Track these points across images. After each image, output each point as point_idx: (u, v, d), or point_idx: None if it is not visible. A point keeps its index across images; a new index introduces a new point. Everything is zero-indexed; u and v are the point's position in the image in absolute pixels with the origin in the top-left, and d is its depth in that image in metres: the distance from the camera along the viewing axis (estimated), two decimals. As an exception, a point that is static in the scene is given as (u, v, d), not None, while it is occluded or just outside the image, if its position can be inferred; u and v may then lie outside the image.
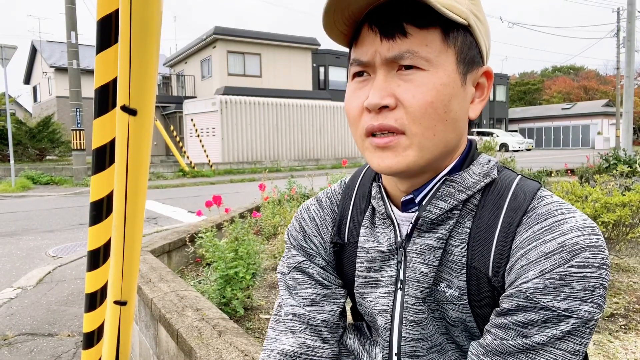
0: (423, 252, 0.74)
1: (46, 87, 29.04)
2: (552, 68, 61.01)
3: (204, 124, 18.18)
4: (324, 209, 0.90)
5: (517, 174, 0.76)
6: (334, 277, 0.87)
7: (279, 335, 0.84)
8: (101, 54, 1.40)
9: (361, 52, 0.70)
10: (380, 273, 0.79)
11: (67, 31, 12.40)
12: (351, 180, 0.91)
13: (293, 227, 0.90)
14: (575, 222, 0.64)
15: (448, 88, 0.67)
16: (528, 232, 0.66)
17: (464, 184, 0.73)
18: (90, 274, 1.73)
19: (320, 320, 0.83)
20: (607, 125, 37.37)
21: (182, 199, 9.86)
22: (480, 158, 0.76)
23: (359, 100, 0.71)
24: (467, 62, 0.70)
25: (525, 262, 0.64)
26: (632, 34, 12.88)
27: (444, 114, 0.68)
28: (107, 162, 1.53)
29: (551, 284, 0.61)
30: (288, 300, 0.85)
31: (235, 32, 22.60)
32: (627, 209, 2.90)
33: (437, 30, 0.66)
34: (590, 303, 0.60)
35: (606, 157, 9.11)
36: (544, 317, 0.61)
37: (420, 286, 0.74)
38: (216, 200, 3.69)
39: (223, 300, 2.61)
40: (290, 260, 0.88)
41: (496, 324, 0.65)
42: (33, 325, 3.30)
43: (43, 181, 13.85)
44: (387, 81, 0.67)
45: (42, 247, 5.72)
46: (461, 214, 0.73)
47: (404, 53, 0.66)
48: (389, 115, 0.67)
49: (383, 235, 0.79)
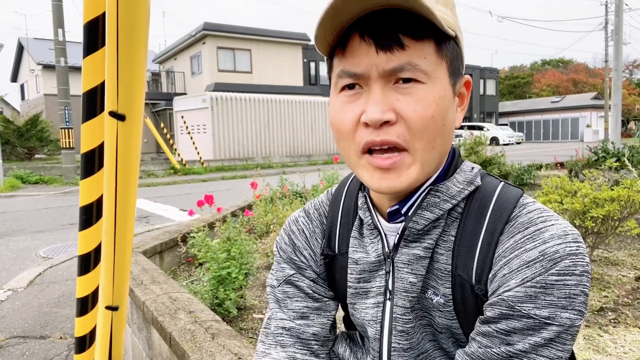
0: (411, 262, 0.74)
1: (34, 85, 28.68)
2: (542, 61, 61.33)
3: (195, 121, 18.08)
4: (313, 220, 0.89)
5: (500, 180, 0.77)
6: (325, 290, 0.87)
7: (269, 349, 0.83)
8: (88, 57, 1.39)
9: (352, 63, 0.67)
10: (369, 284, 0.80)
11: (54, 28, 12.24)
12: (337, 190, 0.91)
13: (282, 239, 0.89)
14: (556, 230, 0.65)
15: (444, 101, 0.68)
16: (510, 240, 0.67)
17: (449, 193, 0.73)
18: (81, 278, 1.72)
19: (310, 334, 0.83)
20: (595, 118, 37.68)
21: (173, 197, 9.81)
22: (463, 165, 0.77)
23: (352, 115, 0.68)
24: (455, 74, 0.71)
25: (507, 271, 0.65)
26: (620, 27, 12.98)
27: (442, 127, 0.68)
28: (96, 167, 1.51)
29: (532, 292, 0.61)
30: (278, 314, 0.85)
31: (225, 28, 22.45)
32: (616, 204, 2.93)
33: (432, 42, 0.66)
34: (572, 310, 0.61)
35: (595, 150, 9.20)
36: (526, 324, 0.62)
37: (409, 296, 0.75)
38: (208, 200, 3.67)
39: (216, 301, 2.60)
40: (279, 273, 0.87)
41: (480, 332, 0.66)
42: (24, 328, 3.28)
43: (32, 180, 13.71)
44: (385, 94, 0.66)
45: (32, 248, 5.67)
46: (447, 222, 0.74)
47: (405, 65, 0.64)
48: (390, 131, 0.66)
49: (371, 246, 0.79)
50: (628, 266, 3.42)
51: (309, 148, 20.50)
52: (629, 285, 3.03)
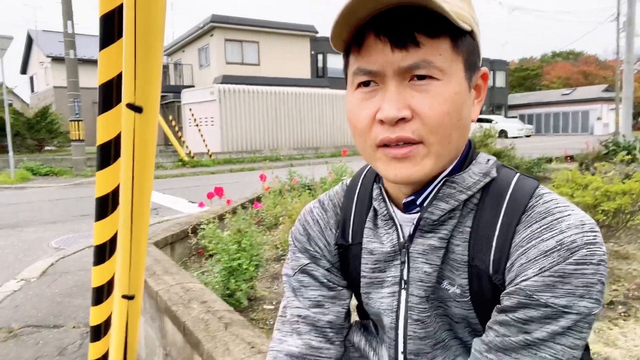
0: (426, 252, 0.75)
1: (43, 77, 28.84)
2: (552, 53, 60.60)
3: (203, 114, 18.12)
4: (327, 211, 0.91)
5: (516, 172, 0.78)
6: (339, 279, 0.88)
7: (285, 336, 0.85)
8: (104, 50, 1.40)
9: (368, 61, 0.68)
10: (384, 273, 0.81)
11: (63, 20, 12.28)
12: (352, 181, 0.92)
13: (297, 230, 0.91)
14: (573, 219, 0.65)
15: (460, 96, 0.69)
16: (527, 230, 0.68)
17: (464, 184, 0.74)
18: (97, 268, 1.74)
19: (325, 322, 0.85)
20: (606, 111, 37.25)
21: (182, 189, 9.87)
22: (479, 158, 0.78)
23: (368, 111, 0.70)
24: (471, 68, 0.71)
25: (524, 260, 0.66)
26: (632, 19, 12.79)
27: (457, 122, 0.69)
28: (112, 158, 1.53)
29: (550, 281, 0.62)
30: (293, 302, 0.87)
31: (233, 20, 22.42)
32: (628, 197, 2.91)
33: (447, 38, 0.66)
34: (589, 299, 0.62)
35: (606, 144, 9.12)
36: (544, 313, 0.62)
37: (424, 285, 0.76)
38: (218, 192, 3.70)
39: (227, 292, 2.63)
40: (295, 262, 0.89)
41: (498, 320, 0.67)
42: (38, 317, 3.33)
43: (42, 172, 13.83)
44: (400, 92, 0.67)
45: (44, 239, 5.74)
46: (462, 214, 0.75)
47: (420, 62, 0.65)
48: (405, 127, 0.67)
49: (386, 236, 0.81)
50: (638, 260, 3.41)
51: (317, 141, 20.48)
52: (639, 279, 3.02)
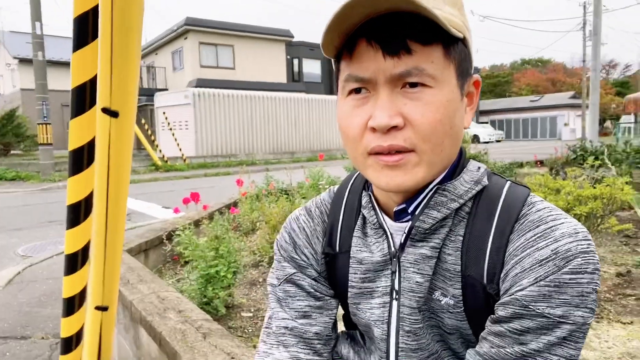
0: (417, 261, 0.74)
1: (9, 79, 27.93)
2: (522, 61, 62.27)
3: (177, 117, 17.86)
4: (314, 219, 0.88)
5: (506, 179, 0.77)
6: (326, 288, 0.86)
7: (271, 349, 0.82)
8: (78, 52, 1.34)
9: (359, 68, 0.67)
10: (374, 283, 0.79)
11: (31, 21, 11.93)
12: (340, 189, 0.90)
13: (282, 238, 0.88)
14: (567, 228, 0.65)
15: (453, 103, 0.68)
16: (521, 239, 0.67)
17: (456, 192, 0.73)
18: (68, 278, 1.67)
19: (312, 333, 0.82)
20: (573, 117, 38.42)
21: (155, 193, 9.68)
22: (470, 165, 0.77)
23: (359, 119, 0.68)
24: (463, 75, 0.70)
25: (519, 270, 0.65)
26: (598, 28, 13.23)
27: (449, 130, 0.68)
28: (85, 164, 1.47)
29: (546, 291, 0.62)
30: (279, 313, 0.84)
31: (208, 23, 22.22)
32: (599, 202, 2.99)
33: (439, 45, 0.65)
34: (584, 308, 0.62)
35: (574, 149, 9.39)
36: (540, 324, 0.62)
37: (416, 296, 0.74)
38: (194, 197, 3.63)
39: (204, 300, 2.58)
40: (280, 272, 0.86)
41: (492, 331, 0.66)
42: (4, 328, 3.19)
43: (9, 177, 13.35)
44: (392, 99, 0.66)
45: (10, 246, 5.53)
46: (454, 222, 0.74)
47: (412, 69, 0.64)
48: (397, 135, 0.66)
49: (376, 245, 0.79)
50: (609, 262, 3.50)
51: (292, 145, 20.44)
52: (610, 281, 3.09)
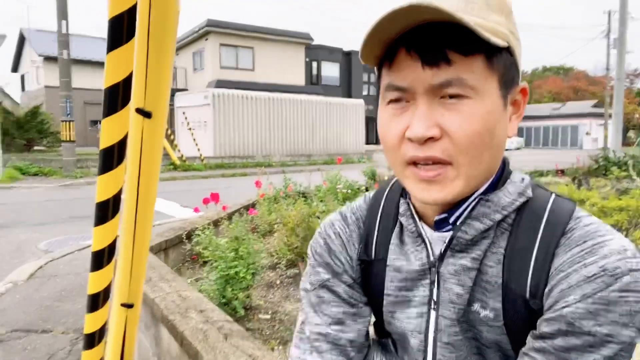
0: (457, 272, 0.73)
1: (34, 76, 28.54)
2: (543, 68, 61.51)
3: (196, 117, 18.04)
4: (350, 225, 0.87)
5: (551, 192, 0.75)
6: (360, 295, 0.85)
7: (304, 354, 0.81)
8: (112, 52, 1.36)
9: (399, 77, 0.67)
10: (411, 292, 0.78)
11: (57, 20, 12.18)
12: (376, 195, 0.89)
13: (317, 243, 0.88)
14: (615, 244, 0.63)
15: (493, 115, 0.66)
16: (567, 254, 0.65)
17: (500, 203, 0.71)
18: (94, 274, 1.69)
19: (346, 340, 0.81)
20: (595, 126, 37.76)
21: (174, 192, 9.78)
22: (513, 177, 0.75)
23: (398, 128, 0.68)
24: (508, 84, 0.69)
25: (565, 286, 0.63)
26: (623, 36, 13.01)
27: (489, 142, 0.67)
28: (114, 163, 1.49)
29: (594, 308, 0.60)
30: (313, 319, 0.83)
31: (229, 25, 22.44)
32: (625, 214, 2.93)
33: (481, 55, 0.64)
34: (632, 327, 0.60)
35: (596, 158, 9.24)
36: (586, 342, 0.60)
37: (455, 307, 0.73)
38: (214, 198, 3.67)
39: (223, 300, 2.59)
40: (314, 277, 0.85)
41: (534, 347, 0.64)
42: (26, 322, 3.25)
43: (31, 172, 13.64)
44: (430, 110, 0.65)
45: (32, 241, 5.64)
46: (496, 234, 0.72)
47: (452, 80, 0.64)
48: (434, 146, 0.65)
49: (414, 254, 0.78)
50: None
51: (309, 148, 20.47)
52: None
